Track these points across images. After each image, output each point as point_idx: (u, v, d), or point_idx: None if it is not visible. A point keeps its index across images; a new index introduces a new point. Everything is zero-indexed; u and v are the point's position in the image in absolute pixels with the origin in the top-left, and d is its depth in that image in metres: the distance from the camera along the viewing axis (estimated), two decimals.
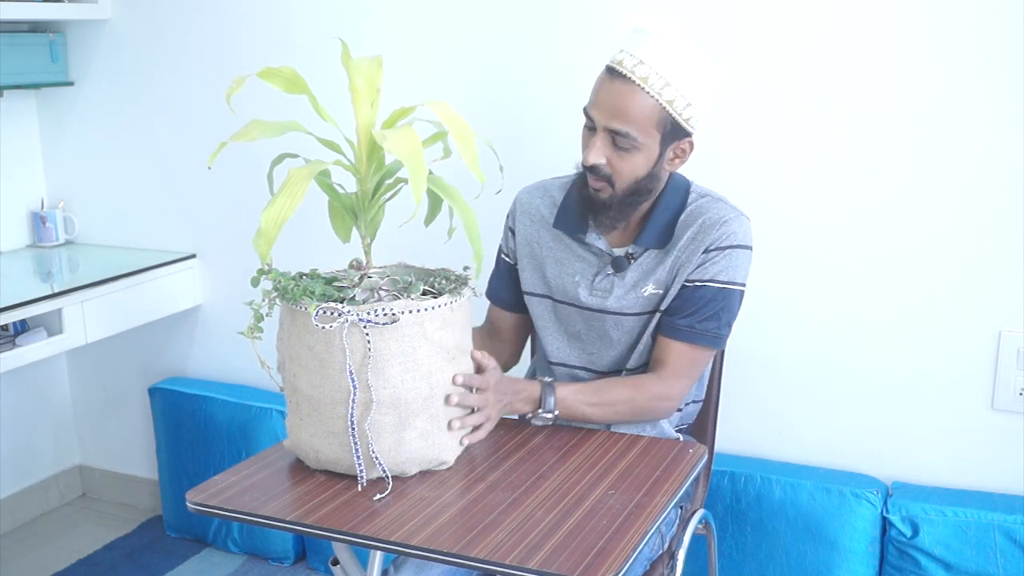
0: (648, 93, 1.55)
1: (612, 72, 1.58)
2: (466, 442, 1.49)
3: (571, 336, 1.75)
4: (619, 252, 1.70)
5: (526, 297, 1.79)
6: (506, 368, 1.88)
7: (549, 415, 1.60)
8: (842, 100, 2.01)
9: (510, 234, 1.81)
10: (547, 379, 1.64)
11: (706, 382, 1.83)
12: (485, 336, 1.84)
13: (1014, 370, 1.98)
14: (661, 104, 1.56)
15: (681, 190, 1.69)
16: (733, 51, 2.07)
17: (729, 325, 1.67)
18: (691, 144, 1.64)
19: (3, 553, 2.79)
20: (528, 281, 1.78)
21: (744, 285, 1.67)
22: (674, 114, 1.58)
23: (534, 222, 1.77)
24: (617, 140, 1.57)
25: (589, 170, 1.61)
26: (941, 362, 2.04)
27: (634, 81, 1.55)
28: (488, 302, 1.87)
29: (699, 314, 1.63)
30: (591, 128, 1.61)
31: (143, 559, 2.73)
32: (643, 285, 1.67)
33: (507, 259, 1.82)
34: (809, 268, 2.11)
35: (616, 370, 1.73)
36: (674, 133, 1.60)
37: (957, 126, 1.94)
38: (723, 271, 1.63)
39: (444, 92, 2.12)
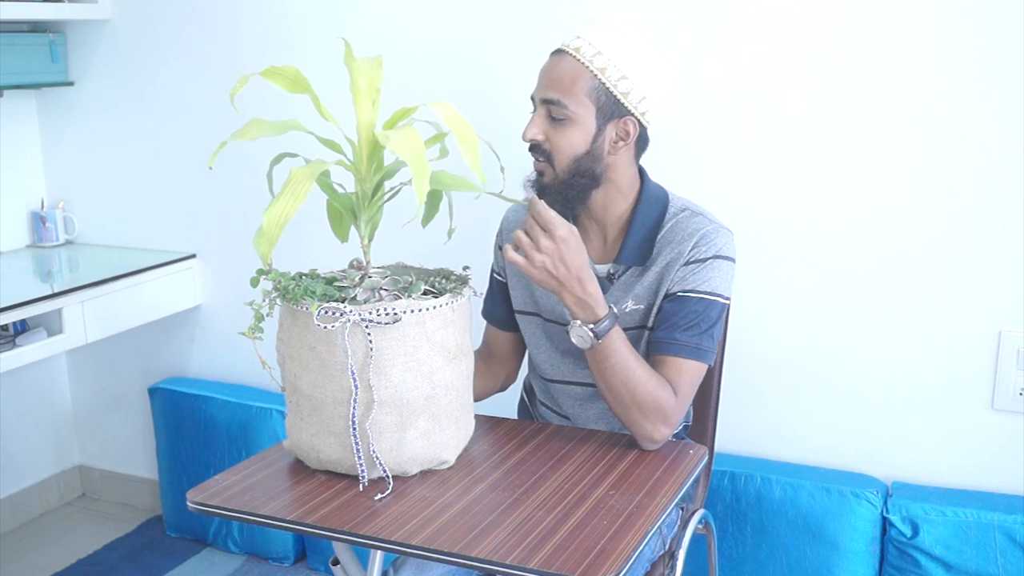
0: (578, 60, 1.57)
1: (553, 52, 1.61)
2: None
3: (563, 353, 1.73)
4: (601, 269, 1.68)
5: (517, 315, 1.78)
6: (503, 388, 1.88)
7: (590, 335, 1.49)
8: (842, 100, 2.01)
9: (499, 252, 1.80)
10: (615, 309, 1.56)
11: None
12: (481, 358, 1.82)
13: (1014, 370, 1.99)
14: (592, 71, 1.57)
15: (659, 203, 1.66)
16: (733, 51, 2.07)
17: (712, 337, 1.60)
18: (635, 125, 1.61)
19: (3, 553, 2.79)
20: (518, 299, 1.77)
21: (727, 298, 1.62)
22: (608, 84, 1.57)
23: None
24: (552, 111, 1.58)
25: (530, 151, 1.61)
26: (941, 362, 2.04)
27: (567, 52, 1.58)
28: (484, 326, 1.85)
29: (678, 326, 1.58)
30: (533, 110, 1.62)
31: (143, 559, 2.74)
32: (623, 302, 1.64)
33: (499, 277, 1.81)
34: (809, 268, 2.11)
35: None
36: (611, 108, 1.59)
37: (957, 127, 1.94)
38: (704, 282, 1.59)
39: (444, 93, 2.12)
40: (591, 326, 1.50)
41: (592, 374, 1.57)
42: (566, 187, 1.61)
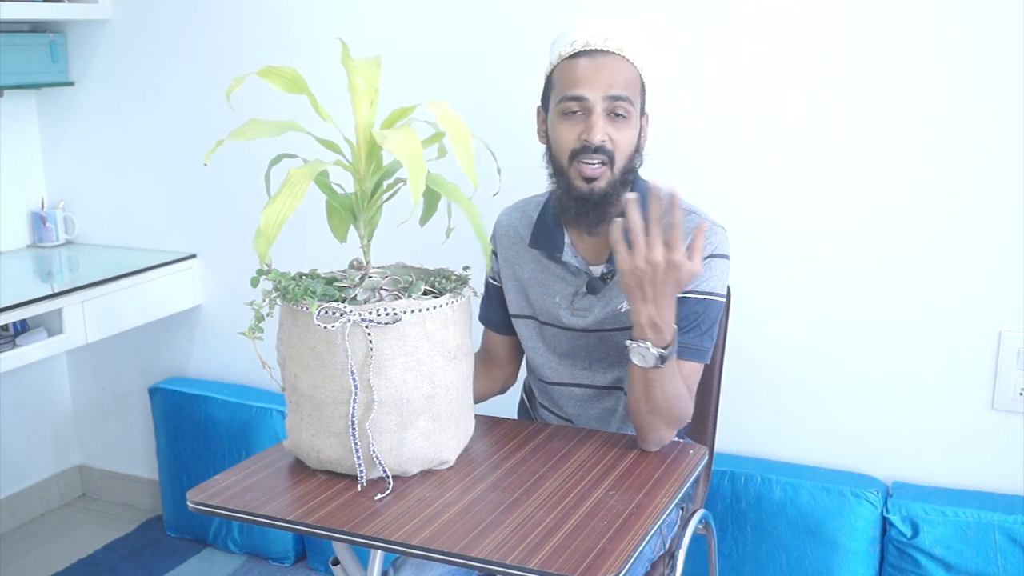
0: (628, 60, 1.58)
1: (587, 52, 1.57)
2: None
3: (560, 355, 1.73)
4: (595, 270, 1.67)
5: (513, 319, 1.78)
6: (503, 390, 1.87)
7: (656, 358, 1.45)
8: (842, 100, 2.01)
9: (494, 257, 1.79)
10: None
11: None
12: (480, 361, 1.81)
13: (1014, 370, 1.99)
14: (638, 70, 1.59)
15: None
16: (733, 51, 2.07)
17: (711, 337, 1.61)
18: (648, 120, 1.66)
19: (3, 553, 2.79)
20: (513, 303, 1.76)
21: (723, 296, 1.62)
22: (645, 82, 1.61)
23: (514, 244, 1.75)
24: (617, 109, 1.56)
25: (593, 151, 1.56)
26: (941, 362, 2.04)
27: (613, 52, 1.57)
28: (483, 329, 1.85)
29: (679, 328, 1.56)
30: (574, 113, 1.57)
31: (143, 559, 2.74)
32: (618, 302, 1.64)
33: (494, 282, 1.80)
34: (809, 268, 2.11)
35: (620, 386, 1.72)
36: (642, 104, 1.63)
37: (957, 127, 1.94)
38: (704, 282, 1.59)
39: (443, 93, 2.12)
40: (661, 350, 1.45)
41: (634, 390, 1.52)
42: (617, 189, 1.59)
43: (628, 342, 1.48)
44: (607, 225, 1.63)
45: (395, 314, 1.35)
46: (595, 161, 1.56)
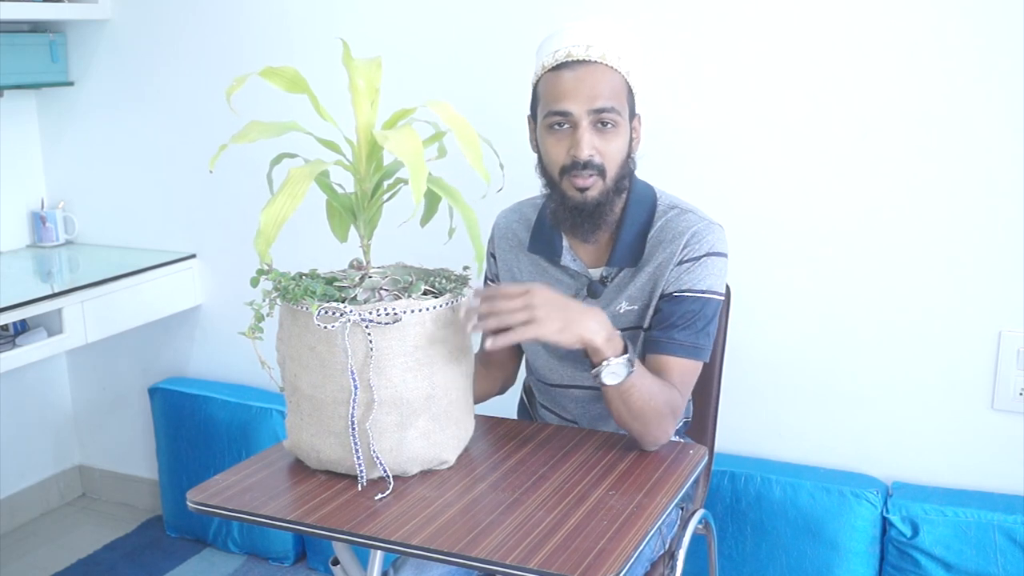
0: (611, 67, 1.56)
1: (569, 64, 1.56)
2: (489, 344, 1.39)
3: (561, 358, 1.72)
4: (594, 273, 1.67)
5: None
6: (502, 391, 1.87)
7: (626, 366, 1.44)
8: (842, 100, 2.01)
9: (492, 259, 1.79)
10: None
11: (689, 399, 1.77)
12: (479, 362, 1.81)
13: (1014, 370, 1.99)
14: (623, 75, 1.58)
15: (647, 201, 1.65)
16: (733, 51, 2.07)
17: (708, 335, 1.60)
18: (639, 121, 1.65)
19: (3, 553, 2.79)
20: None
21: (721, 294, 1.62)
22: (632, 85, 1.60)
23: (512, 247, 1.75)
24: (604, 120, 1.55)
25: (583, 167, 1.55)
26: (941, 362, 2.04)
27: (595, 61, 1.55)
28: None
29: (676, 325, 1.58)
30: (560, 126, 1.56)
31: (143, 559, 2.74)
32: (617, 303, 1.64)
33: (492, 284, 1.81)
34: (809, 268, 2.11)
35: None
36: (632, 108, 1.61)
37: (958, 127, 1.94)
38: (700, 280, 1.59)
39: (444, 93, 2.12)
40: (625, 357, 1.44)
41: (613, 406, 1.50)
42: (611, 197, 1.59)
43: (595, 371, 1.46)
44: (603, 232, 1.63)
45: (395, 314, 1.35)
46: (591, 173, 1.57)
